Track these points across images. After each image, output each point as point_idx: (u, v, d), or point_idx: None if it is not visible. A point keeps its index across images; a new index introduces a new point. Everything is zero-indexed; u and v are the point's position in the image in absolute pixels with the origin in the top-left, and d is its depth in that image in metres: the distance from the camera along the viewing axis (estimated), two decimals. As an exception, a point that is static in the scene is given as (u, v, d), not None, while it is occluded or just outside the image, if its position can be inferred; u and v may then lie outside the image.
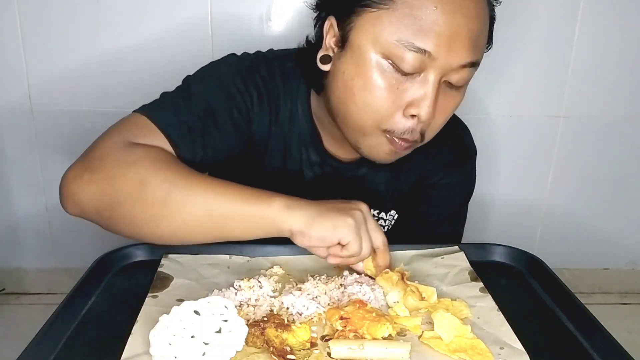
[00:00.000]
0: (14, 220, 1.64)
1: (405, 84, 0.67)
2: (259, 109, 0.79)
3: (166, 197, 0.64)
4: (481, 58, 0.69)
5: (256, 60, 0.81)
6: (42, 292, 1.73)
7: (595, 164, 1.70)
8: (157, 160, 0.68)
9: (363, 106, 0.69)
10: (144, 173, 0.66)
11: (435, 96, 0.67)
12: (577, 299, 0.66)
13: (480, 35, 0.67)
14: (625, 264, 1.86)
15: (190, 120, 0.74)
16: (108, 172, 0.66)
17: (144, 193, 0.64)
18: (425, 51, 0.64)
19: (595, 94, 1.61)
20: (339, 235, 0.62)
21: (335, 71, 0.72)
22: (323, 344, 0.56)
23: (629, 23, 1.55)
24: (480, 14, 0.66)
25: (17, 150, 1.58)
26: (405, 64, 0.65)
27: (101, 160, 0.68)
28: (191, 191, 0.65)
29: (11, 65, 1.49)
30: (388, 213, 0.90)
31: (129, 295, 0.63)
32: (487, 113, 1.62)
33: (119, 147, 0.69)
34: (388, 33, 0.65)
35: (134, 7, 1.45)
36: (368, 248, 0.65)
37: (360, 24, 0.67)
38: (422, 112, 0.67)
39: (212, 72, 0.79)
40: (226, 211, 0.64)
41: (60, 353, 0.55)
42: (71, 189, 0.67)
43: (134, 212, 0.65)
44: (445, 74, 0.66)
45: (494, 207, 1.72)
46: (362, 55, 0.67)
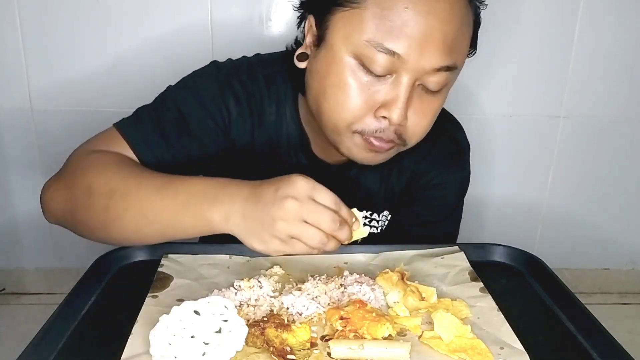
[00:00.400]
0: (14, 220, 1.64)
1: (376, 86, 0.66)
2: (237, 115, 0.79)
3: (108, 203, 0.66)
4: (460, 62, 0.67)
5: (238, 65, 0.81)
6: (42, 292, 1.73)
7: (595, 164, 1.70)
8: (106, 165, 0.70)
9: (334, 104, 0.68)
10: (91, 179, 0.68)
11: (407, 99, 0.65)
12: (577, 299, 0.66)
13: (458, 38, 0.65)
14: (625, 264, 1.86)
15: (158, 126, 0.75)
16: (67, 179, 0.72)
17: (91, 199, 0.68)
18: (395, 53, 0.63)
19: (595, 94, 1.61)
20: (270, 252, 0.61)
21: (311, 69, 0.72)
22: (323, 344, 0.56)
23: (629, 23, 1.55)
24: (458, 17, 0.64)
25: (17, 150, 1.58)
26: (376, 66, 0.64)
27: (65, 169, 0.74)
28: (129, 198, 0.66)
29: (11, 66, 1.49)
30: (381, 214, 0.89)
31: (129, 295, 0.63)
32: (487, 113, 1.62)
33: (79, 156, 0.74)
34: (358, 33, 0.64)
35: (135, 7, 1.45)
36: (316, 243, 0.60)
37: (333, 23, 0.67)
38: (392, 115, 0.66)
39: (188, 82, 0.80)
40: (163, 220, 0.65)
41: (60, 353, 0.55)
42: (44, 198, 0.74)
43: (87, 218, 0.69)
44: (419, 77, 0.65)
45: (494, 207, 1.72)
46: (334, 54, 0.67)
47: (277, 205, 0.59)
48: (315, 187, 0.61)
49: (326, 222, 0.60)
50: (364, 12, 0.64)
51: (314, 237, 0.60)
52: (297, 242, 0.60)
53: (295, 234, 0.59)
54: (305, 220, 0.59)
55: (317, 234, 0.60)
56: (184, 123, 0.76)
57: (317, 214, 0.59)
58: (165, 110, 0.77)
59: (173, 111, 0.77)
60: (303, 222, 0.59)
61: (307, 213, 0.59)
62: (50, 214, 0.74)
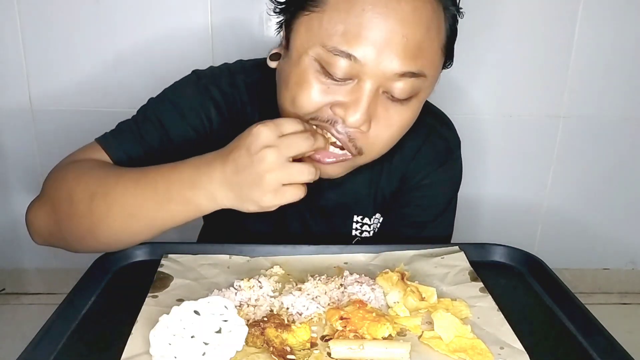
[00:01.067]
0: (14, 220, 1.64)
1: (338, 90, 0.64)
2: (219, 124, 0.78)
3: (89, 207, 0.65)
4: (429, 70, 0.65)
5: (218, 73, 0.80)
6: (42, 292, 1.74)
7: (595, 164, 1.70)
8: (82, 170, 0.70)
9: (290, 100, 0.67)
10: (70, 187, 0.67)
11: (368, 105, 0.63)
12: (577, 299, 0.66)
13: (423, 44, 0.63)
14: (625, 264, 1.86)
15: (139, 137, 0.75)
16: (47, 194, 0.71)
17: (73, 207, 0.66)
18: (352, 56, 0.61)
19: (595, 94, 1.62)
20: (269, 207, 0.60)
21: (279, 70, 0.72)
22: (323, 344, 0.56)
23: (629, 23, 1.55)
24: (423, 22, 0.62)
25: (17, 150, 1.58)
26: (335, 69, 0.63)
27: (44, 186, 0.72)
28: (110, 197, 0.65)
29: (11, 66, 1.49)
30: (372, 218, 0.88)
31: (129, 295, 0.63)
32: (487, 113, 1.62)
33: (57, 170, 0.73)
34: (317, 37, 0.63)
35: (135, 7, 1.45)
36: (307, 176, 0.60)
37: (295, 27, 0.67)
38: (348, 116, 0.64)
39: (168, 94, 0.79)
40: (149, 213, 0.64)
41: (60, 353, 0.55)
42: (28, 219, 0.73)
43: (72, 227, 0.67)
44: (382, 84, 0.63)
45: (494, 207, 1.72)
46: (297, 57, 0.66)
47: (257, 161, 0.58)
48: (277, 125, 0.60)
49: (304, 146, 0.60)
50: (323, 16, 0.63)
51: (302, 171, 0.59)
52: (287, 188, 0.59)
53: (284, 178, 0.59)
54: (289, 157, 0.59)
55: (303, 166, 0.59)
56: (166, 134, 0.76)
57: (294, 145, 0.59)
58: (147, 122, 0.76)
59: (154, 122, 0.76)
60: (287, 163, 0.59)
61: (287, 149, 0.59)
62: (37, 234, 0.73)
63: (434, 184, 0.85)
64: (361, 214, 0.87)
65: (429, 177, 0.85)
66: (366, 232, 0.87)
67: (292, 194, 0.60)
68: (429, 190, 0.86)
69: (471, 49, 1.51)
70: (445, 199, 0.88)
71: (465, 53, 1.50)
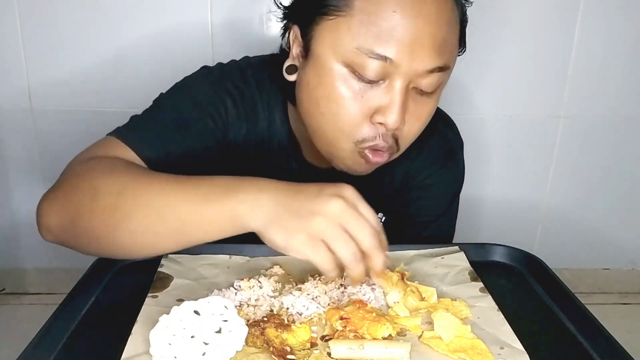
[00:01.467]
0: (14, 220, 1.64)
1: (370, 92, 0.65)
2: (235, 118, 0.78)
3: (117, 203, 0.60)
4: (451, 62, 0.67)
5: (229, 69, 0.80)
6: (42, 292, 1.74)
7: (595, 164, 1.70)
8: (110, 166, 0.66)
9: (329, 117, 0.67)
10: (95, 181, 0.63)
11: (402, 103, 0.64)
12: (577, 299, 0.66)
13: (447, 39, 0.65)
14: (625, 264, 1.86)
15: (157, 127, 0.74)
16: (65, 186, 0.66)
17: (96, 201, 0.61)
18: (387, 58, 0.62)
19: (595, 94, 1.62)
20: (291, 247, 0.54)
21: (300, 82, 0.70)
22: (323, 344, 0.56)
23: (629, 23, 1.55)
24: (445, 18, 0.64)
25: (17, 150, 1.58)
26: (368, 72, 0.63)
27: (61, 178, 0.68)
28: (141, 194, 0.60)
29: (11, 65, 1.49)
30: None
31: (129, 295, 0.63)
32: (487, 113, 1.62)
33: (77, 163, 0.69)
34: (347, 41, 0.63)
35: (135, 7, 1.45)
36: (348, 254, 0.53)
37: (319, 33, 0.66)
38: (388, 120, 0.64)
39: (181, 87, 0.79)
40: (180, 215, 0.59)
41: (60, 353, 0.55)
42: (40, 213, 0.67)
43: (91, 224, 0.62)
44: (412, 80, 0.64)
45: (494, 207, 1.72)
46: (323, 64, 0.66)
47: (322, 200, 0.53)
48: (361, 200, 0.56)
49: (368, 235, 0.54)
50: (351, 20, 0.63)
51: (347, 246, 0.53)
52: (322, 247, 0.53)
53: (329, 235, 0.53)
54: (346, 228, 0.53)
55: (353, 245, 0.53)
56: (184, 123, 0.75)
57: (361, 223, 0.54)
58: (162, 114, 0.75)
59: (170, 113, 0.75)
60: (342, 228, 0.53)
61: (351, 219, 0.53)
62: (47, 230, 0.67)
63: (436, 184, 0.86)
64: None
65: (432, 177, 0.86)
66: None
67: (323, 257, 0.53)
68: (431, 190, 0.86)
69: (471, 49, 1.50)
70: (447, 199, 0.88)
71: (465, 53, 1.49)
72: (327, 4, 0.64)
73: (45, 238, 0.68)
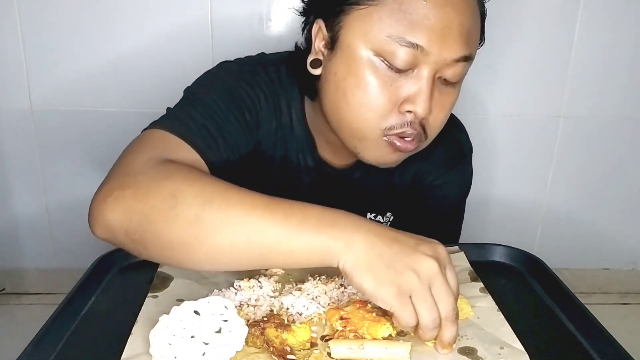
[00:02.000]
0: (14, 220, 1.64)
1: (399, 81, 0.66)
2: (267, 112, 0.78)
3: (200, 215, 0.56)
4: (474, 53, 0.69)
5: (254, 64, 0.80)
6: (42, 292, 1.73)
7: (595, 164, 1.70)
8: (191, 174, 0.61)
9: (357, 106, 0.68)
10: (176, 187, 0.58)
11: (430, 91, 0.66)
12: (577, 299, 0.66)
13: (472, 29, 0.67)
14: (625, 264, 1.86)
15: (207, 125, 0.71)
16: (139, 188, 0.59)
17: (176, 210, 0.57)
18: (418, 46, 0.63)
19: (595, 94, 1.61)
20: (379, 297, 0.53)
21: (326, 74, 0.71)
22: (323, 344, 0.56)
23: (629, 23, 1.55)
24: (471, 8, 0.66)
25: (17, 150, 1.58)
26: (398, 60, 0.64)
27: (133, 177, 0.61)
28: (228, 209, 0.56)
29: (11, 66, 1.49)
30: (384, 216, 0.89)
31: (129, 295, 0.63)
32: (487, 113, 1.62)
33: (151, 164, 0.63)
34: (378, 29, 0.64)
35: (135, 7, 1.45)
36: (429, 319, 0.52)
37: (349, 23, 0.67)
38: (417, 108, 0.66)
39: (213, 79, 0.77)
40: (268, 239, 0.56)
41: (60, 353, 0.55)
42: (100, 208, 0.60)
43: (166, 232, 0.57)
44: (439, 69, 0.66)
45: (494, 207, 1.72)
46: (352, 54, 0.67)
47: (418, 257, 0.53)
48: (450, 262, 0.55)
49: (449, 304, 0.53)
50: (382, 9, 0.64)
51: (431, 312, 0.52)
52: (409, 303, 0.52)
53: (417, 294, 0.52)
54: (432, 291, 0.53)
55: (435, 311, 0.52)
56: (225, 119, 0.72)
57: (446, 291, 0.53)
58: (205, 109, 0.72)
59: (212, 108, 0.72)
60: (429, 290, 0.52)
61: (440, 284, 0.53)
62: (106, 228, 0.60)
63: (444, 185, 0.88)
64: (374, 211, 0.88)
65: (441, 178, 0.87)
66: None
67: (408, 315, 0.52)
68: (440, 191, 0.88)
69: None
70: (455, 201, 0.90)
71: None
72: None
73: (97, 234, 0.62)
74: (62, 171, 1.57)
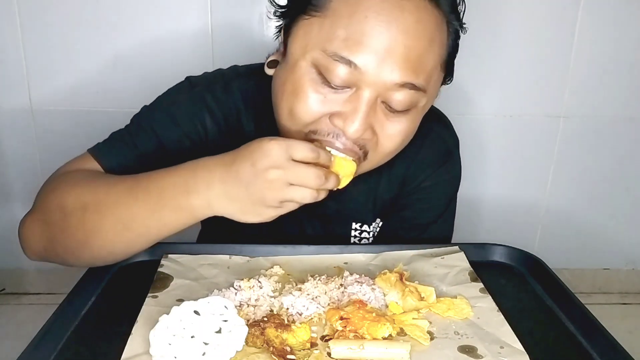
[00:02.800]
0: (14, 221, 1.62)
1: (335, 96, 0.63)
2: (215, 134, 0.77)
3: (83, 219, 0.63)
4: (428, 85, 0.64)
5: (212, 80, 0.79)
6: (42, 292, 1.74)
7: (595, 164, 1.70)
8: (74, 181, 0.68)
9: (287, 111, 0.66)
10: (62, 198, 0.66)
11: (365, 114, 0.62)
12: (577, 299, 0.66)
13: (425, 57, 0.61)
14: (625, 264, 1.86)
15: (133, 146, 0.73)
16: (39, 208, 0.69)
17: (65, 220, 0.64)
18: (352, 63, 0.60)
19: (595, 94, 1.62)
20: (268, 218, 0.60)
21: (275, 77, 0.70)
22: (323, 344, 0.56)
23: (629, 23, 1.55)
24: (426, 34, 0.61)
25: (17, 150, 1.58)
26: (333, 76, 0.61)
27: (36, 199, 0.70)
28: (102, 207, 0.63)
29: (11, 65, 1.49)
30: (371, 225, 0.87)
31: (129, 295, 0.63)
32: (487, 113, 1.62)
33: (48, 182, 0.71)
34: (317, 42, 0.62)
35: (135, 7, 1.45)
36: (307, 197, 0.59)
37: (295, 31, 0.65)
38: (347, 127, 0.62)
39: (162, 102, 0.78)
40: (141, 219, 0.62)
41: (60, 353, 0.55)
42: (21, 235, 0.71)
43: (66, 240, 0.65)
44: (381, 93, 0.62)
45: (494, 207, 1.72)
46: (294, 62, 0.65)
47: (261, 179, 0.57)
48: (289, 146, 0.57)
49: (312, 181, 0.58)
50: (324, 20, 0.61)
51: (304, 196, 0.58)
52: (290, 203, 0.59)
53: (286, 198, 0.58)
54: (292, 184, 0.58)
55: (307, 192, 0.58)
56: (159, 143, 0.74)
57: (301, 175, 0.57)
58: (140, 130, 0.75)
59: (147, 130, 0.75)
60: (290, 186, 0.58)
61: (292, 177, 0.57)
62: (31, 250, 0.71)
63: (434, 185, 0.85)
64: (360, 221, 0.86)
65: (429, 179, 0.84)
66: (365, 239, 0.87)
67: (293, 206, 0.60)
68: (429, 192, 0.85)
69: (471, 49, 1.51)
70: (445, 200, 0.87)
71: (465, 54, 1.49)
72: (309, 2, 0.63)
73: (30, 258, 0.73)
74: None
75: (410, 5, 0.60)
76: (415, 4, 0.60)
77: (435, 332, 0.59)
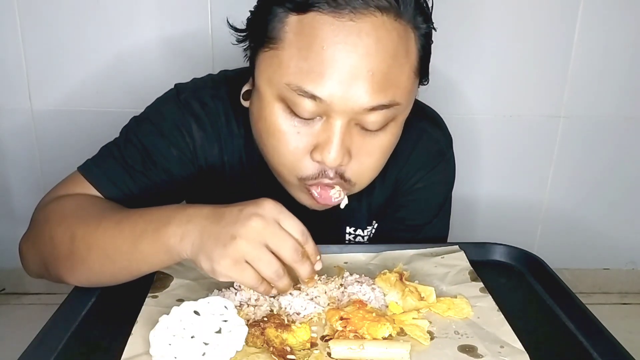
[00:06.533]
0: (14, 221, 1.64)
1: (306, 128, 0.61)
2: (203, 140, 0.76)
3: (71, 249, 0.63)
4: (401, 97, 0.61)
5: (200, 86, 0.78)
6: (42, 292, 1.73)
7: (595, 164, 1.70)
8: (65, 211, 0.68)
9: (271, 150, 0.65)
10: (52, 229, 0.66)
11: (341, 141, 0.60)
12: (577, 299, 0.66)
13: (391, 74, 0.59)
14: (625, 264, 1.86)
15: (122, 161, 0.73)
16: (32, 234, 0.71)
17: (55, 249, 0.65)
18: (316, 97, 0.58)
19: (595, 94, 1.61)
20: (217, 274, 0.54)
21: (250, 111, 0.69)
22: (323, 344, 0.56)
23: (629, 23, 1.55)
24: (389, 51, 0.58)
25: (17, 150, 1.58)
26: (301, 110, 0.60)
27: (31, 223, 0.72)
28: (90, 239, 0.63)
29: (11, 65, 1.49)
30: (366, 228, 0.86)
31: (129, 295, 0.63)
32: (486, 113, 1.62)
33: (42, 207, 0.72)
34: (279, 75, 0.60)
35: (135, 8, 1.45)
36: (270, 272, 0.54)
37: (258, 64, 0.63)
38: (325, 158, 0.61)
39: (149, 113, 0.77)
40: (124, 254, 0.61)
41: (60, 353, 0.55)
42: (20, 255, 0.74)
43: (56, 268, 0.66)
44: (352, 118, 0.60)
45: (494, 207, 1.72)
46: (261, 97, 0.63)
47: (241, 223, 0.54)
48: (282, 212, 0.56)
49: (288, 250, 0.55)
50: (282, 53, 0.59)
51: (269, 265, 0.54)
52: (248, 268, 0.54)
53: (251, 256, 0.54)
54: (267, 245, 0.54)
55: (275, 263, 0.54)
56: (148, 155, 0.74)
57: (281, 239, 0.54)
58: (129, 145, 0.74)
59: (136, 144, 0.74)
60: (263, 246, 0.54)
61: (271, 236, 0.54)
62: (29, 269, 0.74)
63: (428, 186, 0.84)
64: (354, 225, 0.85)
65: (423, 180, 0.83)
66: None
67: (250, 277, 0.54)
68: (424, 193, 0.84)
69: (471, 49, 1.51)
70: (440, 200, 0.87)
71: (465, 53, 1.50)
72: (265, 35, 0.61)
73: (30, 276, 0.74)
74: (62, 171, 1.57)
75: (367, 26, 0.57)
76: (372, 24, 0.57)
77: (435, 331, 0.59)
